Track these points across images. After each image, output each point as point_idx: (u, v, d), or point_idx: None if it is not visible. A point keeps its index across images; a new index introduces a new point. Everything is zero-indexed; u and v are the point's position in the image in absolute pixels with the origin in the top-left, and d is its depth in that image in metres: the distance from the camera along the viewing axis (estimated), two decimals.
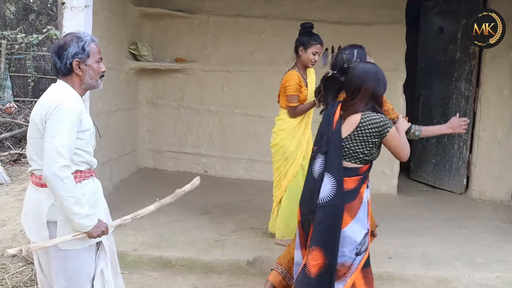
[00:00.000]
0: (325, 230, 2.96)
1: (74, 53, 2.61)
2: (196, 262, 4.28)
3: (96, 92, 5.11)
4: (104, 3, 5.25)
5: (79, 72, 2.64)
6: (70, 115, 2.51)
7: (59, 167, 2.44)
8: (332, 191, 2.95)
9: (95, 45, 2.70)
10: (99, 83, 2.76)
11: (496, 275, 4.25)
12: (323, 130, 3.11)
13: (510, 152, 6.55)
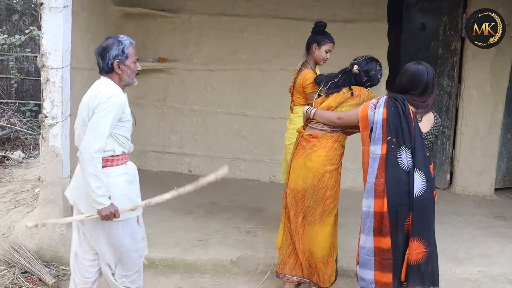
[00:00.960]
0: (424, 222, 3.17)
1: (115, 55, 3.05)
2: (180, 262, 4.29)
3: (78, 93, 5.09)
4: (84, 3, 5.22)
5: (118, 71, 3.09)
6: (116, 106, 2.96)
7: (96, 148, 2.88)
8: (424, 185, 3.17)
9: (132, 48, 3.15)
10: (135, 80, 3.21)
11: (477, 270, 4.30)
12: (397, 125, 3.19)
13: (492, 148, 6.61)
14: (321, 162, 3.58)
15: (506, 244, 4.78)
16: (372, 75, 3.68)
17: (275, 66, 6.57)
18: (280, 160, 6.65)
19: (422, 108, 3.27)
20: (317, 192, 3.60)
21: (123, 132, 3.10)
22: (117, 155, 3.08)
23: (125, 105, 3.07)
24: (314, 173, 3.59)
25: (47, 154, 4.46)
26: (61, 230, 4.46)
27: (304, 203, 3.65)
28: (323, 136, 3.62)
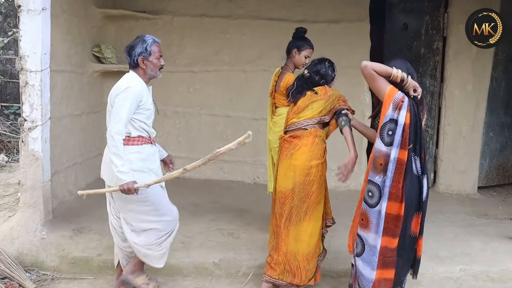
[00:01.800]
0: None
1: (139, 52, 3.61)
2: None
3: (58, 96, 5.10)
4: (64, 5, 5.17)
5: (143, 66, 3.62)
6: (131, 96, 3.45)
7: (115, 130, 3.41)
8: (427, 188, 3.33)
9: (156, 46, 3.66)
10: (159, 73, 3.71)
11: (459, 268, 4.32)
12: (417, 133, 3.23)
13: (475, 146, 6.66)
14: (306, 158, 3.70)
15: (488, 242, 4.80)
16: (323, 73, 3.90)
17: (258, 67, 6.56)
18: (264, 162, 6.66)
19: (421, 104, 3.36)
20: (303, 188, 3.69)
21: (141, 118, 3.56)
22: (132, 137, 3.55)
23: (142, 95, 3.52)
24: (300, 169, 3.69)
25: (27, 158, 4.42)
26: (41, 234, 4.42)
27: (291, 203, 3.71)
28: (302, 134, 3.76)
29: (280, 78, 4.77)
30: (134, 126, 3.56)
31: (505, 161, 7.08)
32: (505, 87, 6.77)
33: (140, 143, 3.59)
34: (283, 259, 3.73)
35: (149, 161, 3.64)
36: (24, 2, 4.22)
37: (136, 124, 3.55)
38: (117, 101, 3.46)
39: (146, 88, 3.62)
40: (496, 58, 6.56)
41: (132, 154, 3.54)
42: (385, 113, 3.25)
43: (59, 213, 4.93)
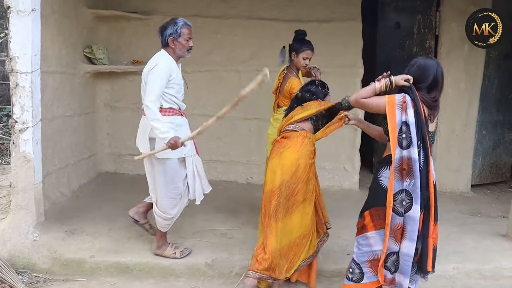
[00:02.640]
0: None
1: (170, 33, 4.04)
2: (154, 266, 4.25)
3: (50, 97, 5.09)
4: (54, 6, 5.14)
5: (172, 46, 4.07)
6: (161, 72, 3.93)
7: (150, 100, 3.88)
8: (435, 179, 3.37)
9: (186, 29, 4.07)
10: (186, 54, 4.15)
11: (452, 266, 4.33)
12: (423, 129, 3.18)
13: (468, 145, 6.67)
14: (294, 157, 3.76)
15: (481, 241, 4.82)
16: (313, 91, 4.03)
17: (250, 67, 6.53)
18: (257, 162, 6.67)
19: (434, 108, 3.29)
20: (289, 187, 3.74)
21: (171, 92, 4.04)
22: (164, 108, 4.04)
23: (172, 71, 4.00)
24: (288, 167, 3.75)
25: (18, 159, 4.39)
26: (33, 236, 4.40)
27: (277, 200, 3.76)
28: (291, 134, 3.88)
29: (284, 80, 4.86)
30: (165, 99, 4.05)
31: (498, 159, 7.10)
32: (497, 85, 6.79)
33: (172, 114, 4.09)
34: (268, 256, 3.76)
35: (178, 131, 4.03)
36: (13, 3, 4.18)
37: (167, 98, 4.04)
38: (149, 78, 3.96)
39: (175, 65, 4.09)
40: (488, 56, 6.57)
41: (165, 123, 3.98)
42: (395, 121, 3.20)
43: (52, 214, 4.90)
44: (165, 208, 4.20)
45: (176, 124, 4.08)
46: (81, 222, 4.92)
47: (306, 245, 3.84)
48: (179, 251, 4.33)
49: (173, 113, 4.10)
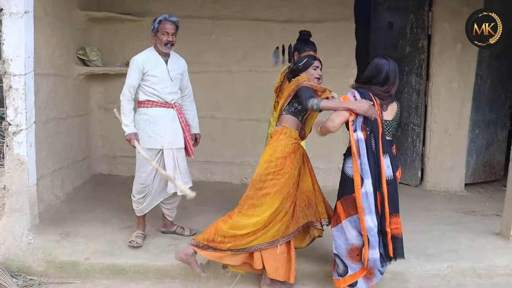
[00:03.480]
0: (397, 200, 3.64)
1: (151, 28, 4.36)
2: (149, 268, 4.24)
3: (43, 99, 5.08)
4: (47, 8, 5.14)
5: (154, 40, 4.38)
6: (133, 66, 4.29)
7: (122, 93, 4.31)
8: (390, 168, 3.60)
9: (165, 23, 4.32)
10: (164, 48, 4.35)
11: (447, 265, 4.33)
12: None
13: (462, 144, 6.69)
14: (268, 153, 3.90)
15: (475, 239, 4.83)
16: (305, 60, 4.12)
17: (244, 67, 6.56)
18: (252, 162, 6.68)
19: (386, 99, 3.65)
20: (260, 179, 3.85)
21: (147, 83, 4.31)
22: (141, 101, 4.39)
23: (146, 64, 4.27)
24: (261, 164, 3.91)
25: (12, 162, 4.38)
26: (28, 239, 4.39)
27: (248, 192, 3.92)
28: (273, 133, 4.02)
29: (285, 79, 4.74)
30: (143, 91, 4.35)
31: (491, 157, 7.13)
32: (490, 85, 6.81)
33: (148, 106, 4.36)
34: (213, 230, 3.85)
35: (154, 124, 4.35)
36: (6, 5, 4.17)
37: (144, 90, 4.34)
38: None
39: (155, 59, 4.34)
40: (481, 55, 6.59)
41: (139, 115, 4.37)
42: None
43: (46, 217, 4.89)
44: (134, 190, 4.56)
45: (152, 116, 4.36)
46: (75, 224, 4.91)
47: (251, 237, 3.83)
48: (131, 239, 4.49)
49: (151, 105, 4.37)
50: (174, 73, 4.45)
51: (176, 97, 4.49)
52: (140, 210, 4.61)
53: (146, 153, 4.24)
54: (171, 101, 4.42)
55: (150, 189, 4.53)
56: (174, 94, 4.46)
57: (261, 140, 6.58)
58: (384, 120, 3.62)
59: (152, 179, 4.50)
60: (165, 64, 4.39)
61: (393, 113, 3.69)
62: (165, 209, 4.77)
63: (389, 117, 3.66)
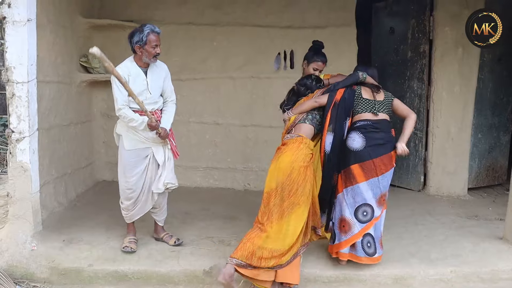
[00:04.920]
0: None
1: (136, 41, 4.18)
2: (152, 274, 4.25)
3: (46, 106, 5.10)
4: (50, 16, 5.16)
5: (139, 52, 4.22)
6: (115, 80, 4.10)
7: (117, 109, 4.26)
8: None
9: (153, 35, 4.16)
10: (153, 60, 4.27)
11: (450, 270, 4.33)
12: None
13: (464, 148, 6.68)
14: (289, 160, 4.00)
15: (478, 243, 4.82)
16: (308, 85, 4.55)
17: (245, 73, 6.58)
18: (254, 168, 6.70)
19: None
20: (284, 189, 3.96)
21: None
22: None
23: (126, 76, 4.16)
24: (283, 170, 3.98)
25: (15, 169, 4.40)
26: (31, 246, 4.40)
27: (274, 201, 3.99)
28: (289, 141, 4.19)
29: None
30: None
31: (494, 162, 7.11)
32: (492, 88, 6.81)
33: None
34: (251, 247, 3.88)
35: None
36: (9, 14, 4.20)
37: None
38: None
39: (136, 71, 4.26)
40: (482, 59, 6.59)
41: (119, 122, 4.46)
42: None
43: (49, 224, 4.91)
44: (122, 197, 4.59)
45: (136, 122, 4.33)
46: (79, 231, 4.92)
47: (288, 254, 3.94)
48: (125, 245, 4.53)
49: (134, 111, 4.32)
50: (154, 84, 4.36)
51: (156, 106, 4.44)
52: (129, 217, 4.63)
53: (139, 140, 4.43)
54: (151, 110, 4.35)
55: (138, 195, 4.53)
56: (153, 104, 4.40)
57: (263, 146, 6.63)
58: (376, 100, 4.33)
59: (141, 185, 4.50)
60: (144, 76, 4.31)
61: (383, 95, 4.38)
62: (152, 213, 4.75)
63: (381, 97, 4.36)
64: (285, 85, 6.48)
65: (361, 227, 4.18)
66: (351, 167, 4.16)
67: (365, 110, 4.27)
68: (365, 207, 4.18)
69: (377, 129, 4.20)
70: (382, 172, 4.15)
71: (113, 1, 6.64)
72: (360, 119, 4.25)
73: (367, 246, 4.22)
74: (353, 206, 4.19)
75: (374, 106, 4.28)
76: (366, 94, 4.33)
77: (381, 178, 4.15)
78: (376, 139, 4.17)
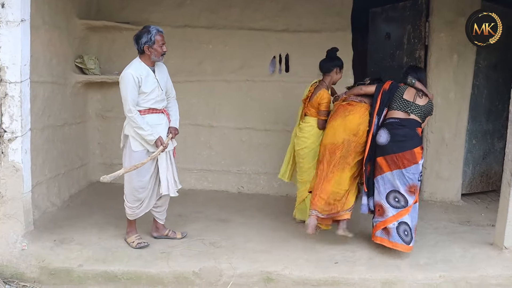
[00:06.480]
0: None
1: (145, 41, 4.36)
2: (142, 275, 4.25)
3: (40, 107, 5.12)
4: (45, 17, 5.19)
5: (148, 52, 4.39)
6: (126, 81, 4.30)
7: (127, 111, 4.34)
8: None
9: (159, 35, 4.38)
10: (161, 58, 4.46)
11: (439, 275, 4.32)
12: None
13: (458, 154, 6.69)
14: (357, 123, 4.74)
15: (468, 249, 4.82)
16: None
17: (241, 77, 6.59)
18: (248, 171, 6.71)
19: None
20: (350, 144, 4.72)
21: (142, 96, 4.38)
22: (138, 110, 4.38)
23: (139, 77, 4.31)
24: (350, 129, 4.73)
25: (7, 169, 4.40)
26: (22, 245, 4.41)
27: (340, 153, 4.72)
28: (356, 104, 4.86)
29: (316, 91, 5.25)
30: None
31: (488, 168, 7.13)
32: (487, 95, 6.83)
33: (141, 114, 4.39)
34: (326, 195, 4.70)
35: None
36: (2, 14, 4.20)
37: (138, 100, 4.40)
38: (120, 89, 4.35)
39: (146, 70, 4.40)
40: (478, 66, 6.61)
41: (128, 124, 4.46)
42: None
43: (41, 224, 4.92)
44: (128, 197, 4.62)
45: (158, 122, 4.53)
46: (70, 231, 4.93)
47: (347, 197, 4.78)
48: (137, 242, 4.64)
49: (144, 113, 4.44)
50: (162, 81, 4.56)
51: (165, 103, 4.66)
52: (135, 214, 4.69)
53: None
54: (161, 108, 4.57)
55: (148, 193, 4.63)
56: (163, 101, 4.61)
57: (257, 149, 6.64)
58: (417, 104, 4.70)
59: (153, 183, 4.65)
60: (154, 75, 4.48)
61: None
62: (155, 212, 4.83)
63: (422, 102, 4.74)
64: (280, 89, 6.57)
65: (395, 212, 4.63)
66: (377, 159, 4.69)
67: (399, 108, 4.70)
68: (395, 194, 4.64)
69: (402, 126, 4.63)
70: (406, 166, 4.57)
71: (109, 3, 6.66)
72: (392, 116, 4.71)
73: (405, 234, 4.58)
74: (384, 192, 4.68)
75: (410, 107, 4.67)
76: (408, 95, 4.72)
77: (405, 171, 4.57)
78: (400, 135, 4.59)
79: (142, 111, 4.42)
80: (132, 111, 4.31)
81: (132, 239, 4.67)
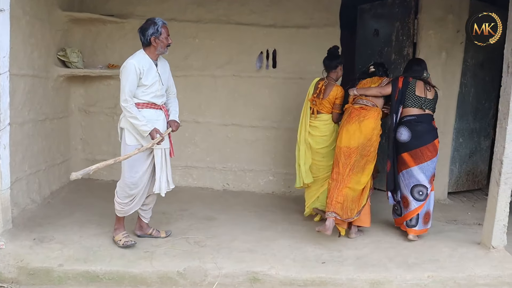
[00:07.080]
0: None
1: (152, 33, 4.32)
2: (125, 275, 4.13)
3: (20, 100, 4.97)
4: (26, 7, 5.04)
5: (154, 44, 4.35)
6: (127, 71, 4.23)
7: (122, 100, 4.23)
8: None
9: (164, 27, 4.38)
10: (166, 50, 4.45)
11: (427, 275, 4.27)
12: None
13: (445, 152, 6.65)
14: (371, 127, 4.92)
15: (456, 248, 4.79)
16: (386, 68, 5.50)
17: (227, 72, 6.49)
18: (233, 168, 6.62)
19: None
20: (364, 148, 4.89)
21: (142, 89, 4.30)
22: (136, 103, 4.30)
23: (141, 70, 4.24)
24: (365, 134, 4.89)
25: None
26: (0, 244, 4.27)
27: (355, 157, 4.87)
28: (370, 108, 5.01)
29: (328, 87, 5.34)
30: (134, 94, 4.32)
31: (475, 166, 7.12)
32: (474, 93, 6.81)
33: (139, 108, 4.32)
34: (342, 199, 4.81)
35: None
36: None
37: (136, 93, 4.32)
38: (120, 79, 4.27)
39: (149, 63, 4.33)
40: (465, 64, 6.58)
41: (124, 116, 4.35)
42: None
43: (20, 222, 4.79)
44: (119, 193, 4.53)
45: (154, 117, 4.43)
46: (51, 229, 4.80)
47: (363, 197, 4.96)
48: (124, 240, 4.52)
49: (142, 106, 4.36)
50: (164, 76, 4.50)
51: (164, 99, 4.58)
52: (125, 211, 4.58)
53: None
54: (160, 103, 4.49)
55: (140, 190, 4.53)
56: (163, 97, 4.54)
57: (243, 145, 6.55)
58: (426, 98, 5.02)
59: (145, 180, 4.53)
60: (156, 68, 4.41)
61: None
62: (141, 210, 4.74)
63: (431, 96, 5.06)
64: (267, 85, 6.48)
65: (417, 205, 4.99)
66: (402, 155, 5.02)
67: (414, 105, 4.99)
68: (420, 187, 4.99)
69: (420, 122, 4.95)
70: (429, 158, 4.94)
71: None
72: (408, 113, 4.99)
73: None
74: (409, 186, 5.02)
75: (424, 103, 4.99)
76: (418, 91, 5.01)
77: (430, 162, 4.95)
78: (420, 131, 4.92)
79: (141, 104, 4.34)
80: (128, 101, 4.22)
81: (119, 237, 4.55)
